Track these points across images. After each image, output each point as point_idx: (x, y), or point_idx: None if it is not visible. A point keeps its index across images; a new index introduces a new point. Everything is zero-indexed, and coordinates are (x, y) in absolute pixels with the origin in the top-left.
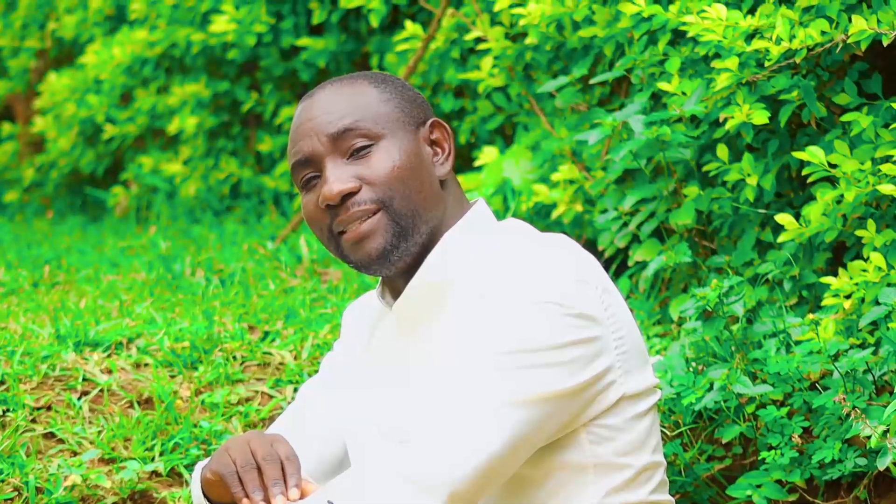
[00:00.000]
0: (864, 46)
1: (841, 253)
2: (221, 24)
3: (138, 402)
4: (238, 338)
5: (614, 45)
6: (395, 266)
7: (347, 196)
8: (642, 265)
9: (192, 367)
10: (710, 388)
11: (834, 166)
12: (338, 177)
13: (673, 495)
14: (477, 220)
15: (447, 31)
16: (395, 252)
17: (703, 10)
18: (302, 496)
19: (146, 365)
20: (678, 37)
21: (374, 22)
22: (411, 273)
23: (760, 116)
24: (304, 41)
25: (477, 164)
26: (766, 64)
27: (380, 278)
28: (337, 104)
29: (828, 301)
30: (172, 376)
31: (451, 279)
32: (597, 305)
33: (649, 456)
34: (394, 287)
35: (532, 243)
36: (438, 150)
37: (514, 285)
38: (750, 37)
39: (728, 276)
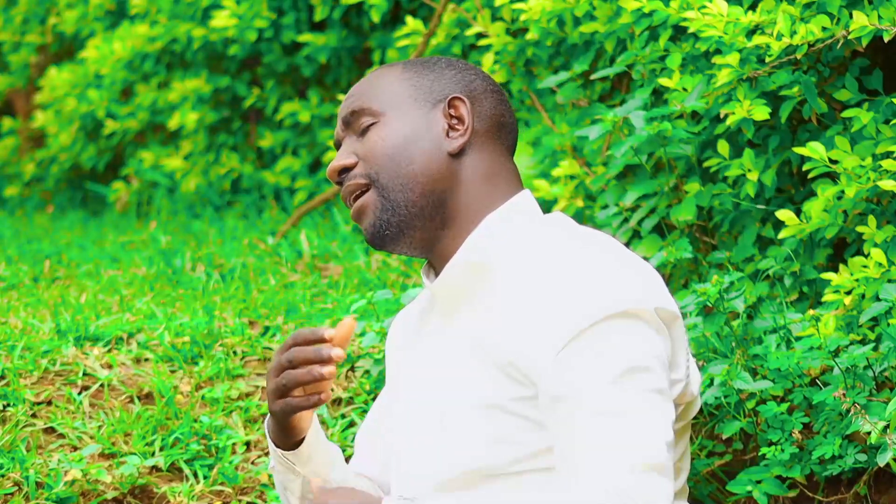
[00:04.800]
0: (864, 42)
1: (841, 249)
2: (222, 20)
3: (138, 397)
4: (238, 333)
5: (615, 41)
6: (398, 242)
7: (345, 171)
8: None
9: (192, 362)
10: (711, 384)
11: (835, 162)
12: (341, 152)
13: None
14: (521, 206)
15: (448, 26)
16: (387, 228)
17: (704, 6)
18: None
19: (146, 360)
20: (679, 33)
21: (376, 17)
22: (446, 255)
23: (761, 112)
24: (305, 37)
25: None
26: (767, 60)
27: (424, 262)
28: (356, 88)
29: (828, 297)
30: (173, 371)
31: (491, 263)
32: (673, 301)
33: (676, 461)
34: (436, 270)
35: (607, 253)
36: (459, 125)
37: (598, 295)
38: (751, 32)
39: (728, 271)
